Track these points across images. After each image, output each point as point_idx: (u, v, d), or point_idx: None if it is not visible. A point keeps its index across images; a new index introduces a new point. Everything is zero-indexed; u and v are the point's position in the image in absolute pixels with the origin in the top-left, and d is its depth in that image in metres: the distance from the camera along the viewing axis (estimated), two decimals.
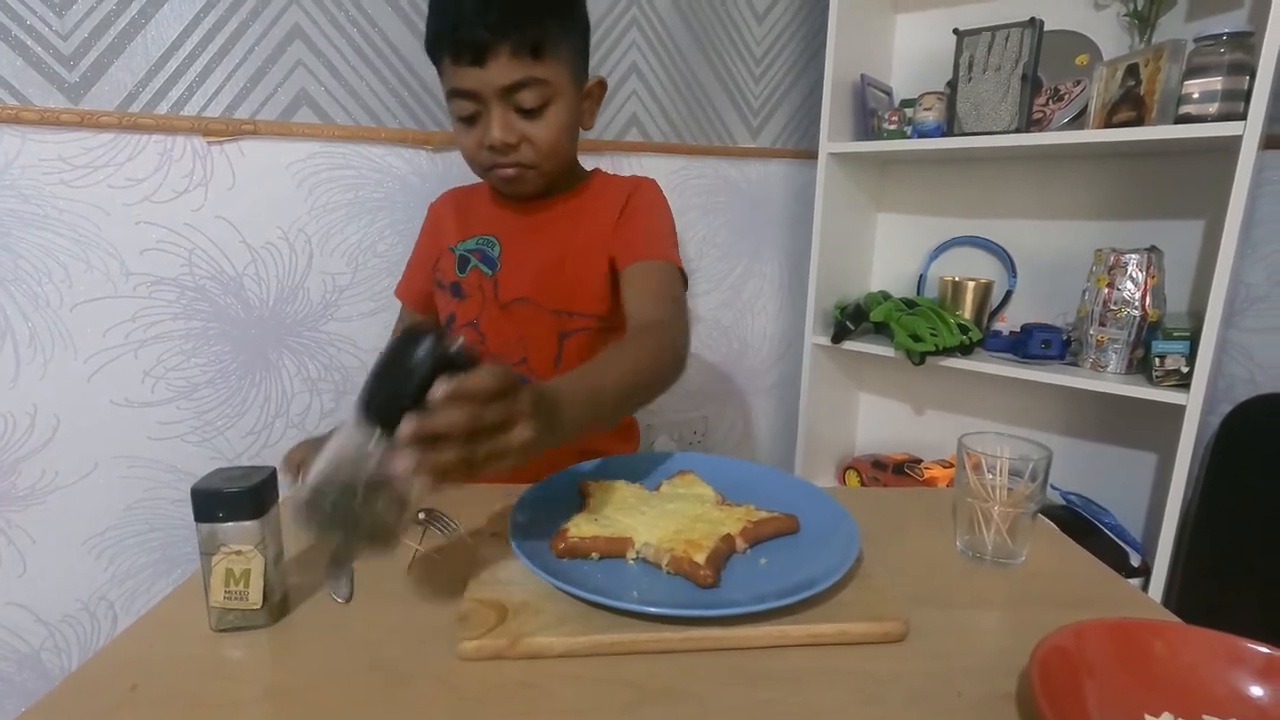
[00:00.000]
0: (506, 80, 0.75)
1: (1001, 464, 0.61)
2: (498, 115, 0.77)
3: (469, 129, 0.79)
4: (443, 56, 0.76)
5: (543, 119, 0.79)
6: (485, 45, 0.73)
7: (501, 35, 0.73)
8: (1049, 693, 0.38)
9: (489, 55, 0.73)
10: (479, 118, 0.78)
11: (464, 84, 0.75)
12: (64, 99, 1.07)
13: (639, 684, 0.46)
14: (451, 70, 0.76)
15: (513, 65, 0.74)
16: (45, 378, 1.12)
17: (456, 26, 0.73)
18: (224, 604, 0.50)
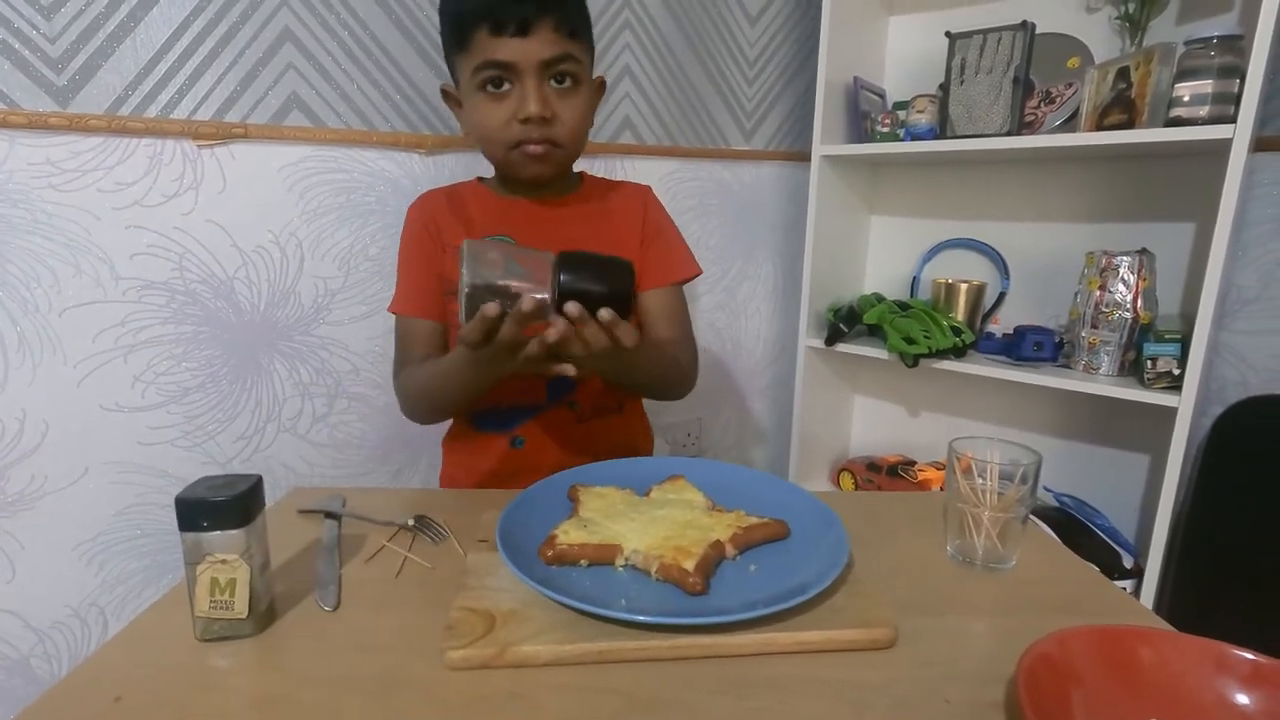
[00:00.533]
0: (548, 54, 0.76)
1: (991, 468, 0.61)
2: (534, 88, 0.77)
3: (498, 103, 0.78)
4: (477, 28, 0.75)
5: (573, 99, 0.80)
6: (530, 18, 0.74)
7: (545, 10, 0.74)
8: (1035, 701, 0.38)
9: (533, 28, 0.74)
10: (508, 93, 0.78)
11: (503, 55, 0.75)
12: (52, 102, 1.06)
13: (627, 692, 0.45)
14: (488, 41, 0.75)
15: (554, 40, 0.76)
16: (34, 383, 1.11)
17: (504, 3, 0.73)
18: (209, 613, 0.50)
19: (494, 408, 0.90)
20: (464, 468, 0.95)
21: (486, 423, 0.92)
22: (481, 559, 0.59)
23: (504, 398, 0.89)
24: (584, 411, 0.92)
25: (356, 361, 1.35)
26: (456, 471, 0.97)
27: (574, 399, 0.91)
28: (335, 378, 1.34)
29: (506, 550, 0.54)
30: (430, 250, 0.89)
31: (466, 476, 0.95)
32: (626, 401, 0.97)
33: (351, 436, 1.37)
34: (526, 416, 0.91)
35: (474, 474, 0.94)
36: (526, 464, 0.90)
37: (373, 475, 1.41)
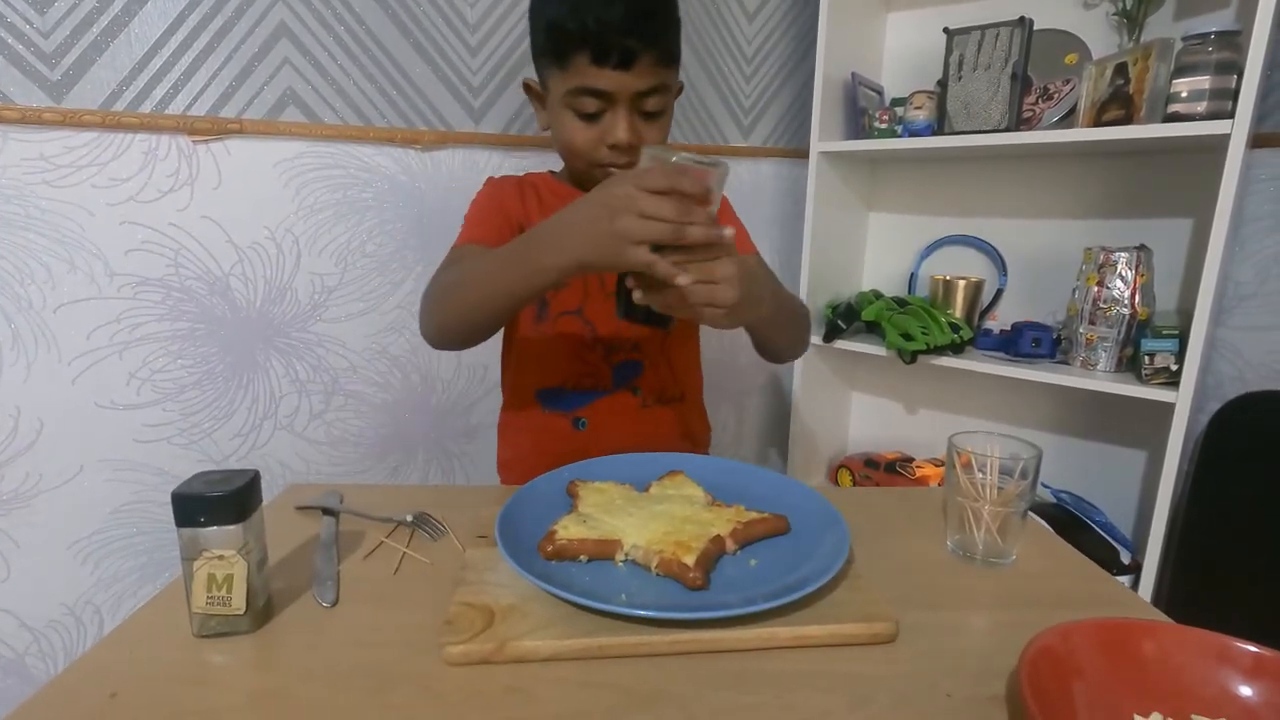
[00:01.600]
0: (645, 86, 0.77)
1: (991, 463, 0.61)
2: (625, 117, 0.78)
3: (587, 125, 0.80)
4: (578, 52, 0.75)
5: (658, 122, 0.81)
6: (635, 52, 0.74)
7: (650, 44, 0.74)
8: (1038, 694, 0.38)
9: (635, 61, 0.74)
10: (599, 115, 0.79)
11: (601, 84, 0.76)
12: (46, 97, 1.05)
13: (627, 687, 0.45)
14: (588, 69, 0.75)
15: (652, 72, 0.76)
16: (29, 380, 1.11)
17: (606, 33, 0.73)
18: (206, 610, 0.49)
19: (560, 388, 0.91)
20: (524, 448, 0.96)
21: (551, 402, 0.92)
22: (480, 554, 0.59)
23: (571, 380, 0.90)
24: (647, 397, 0.93)
25: (353, 359, 1.34)
26: (515, 453, 0.97)
27: (638, 384, 0.92)
28: (332, 375, 1.33)
29: (506, 546, 0.54)
30: (505, 209, 0.89)
31: (527, 457, 0.95)
32: (688, 392, 0.98)
33: (348, 434, 1.37)
34: (590, 399, 0.91)
35: (533, 454, 0.93)
36: (588, 446, 0.90)
37: (370, 473, 1.41)
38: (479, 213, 0.90)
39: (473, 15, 1.32)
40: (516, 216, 0.89)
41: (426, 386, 1.42)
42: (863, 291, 1.69)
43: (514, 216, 0.89)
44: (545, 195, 0.91)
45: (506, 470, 0.99)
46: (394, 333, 1.37)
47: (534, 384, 0.92)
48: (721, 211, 0.91)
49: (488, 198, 0.91)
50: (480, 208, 0.91)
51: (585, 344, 0.90)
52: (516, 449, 0.97)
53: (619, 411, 0.92)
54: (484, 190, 0.93)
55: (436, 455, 1.46)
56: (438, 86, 1.32)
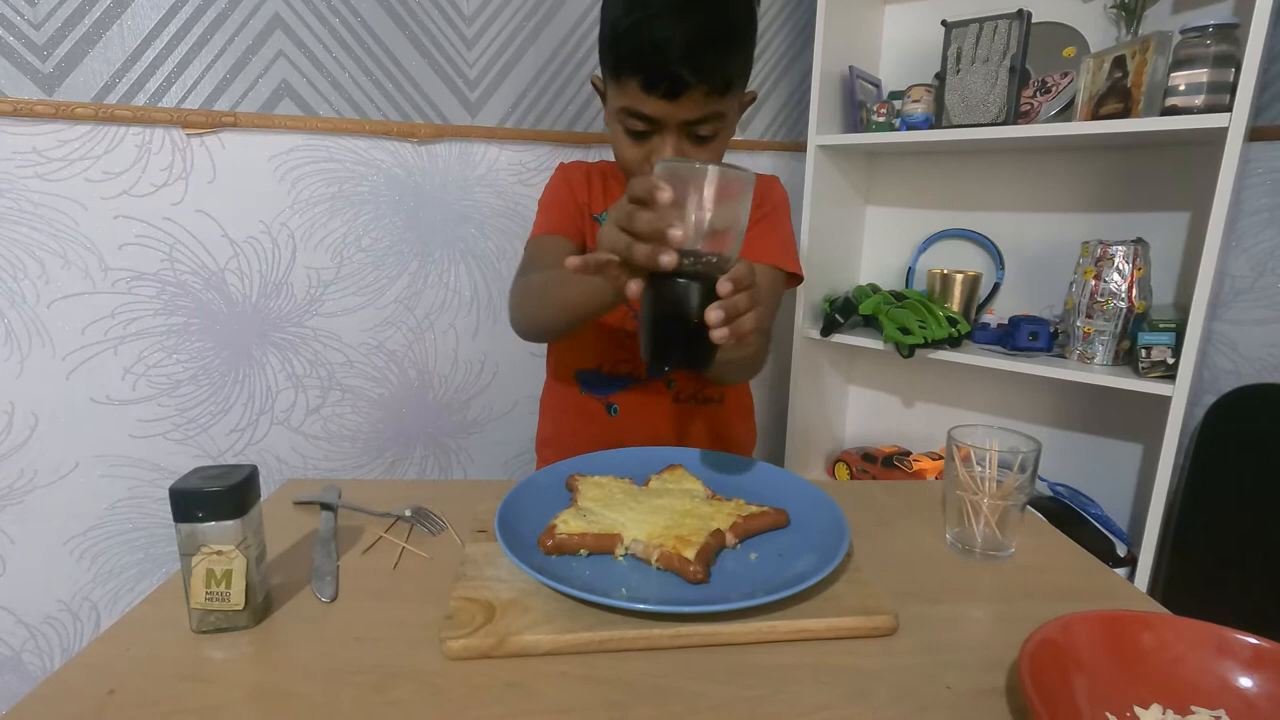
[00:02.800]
0: (693, 115, 0.75)
1: (991, 456, 0.61)
2: (672, 142, 0.76)
3: (636, 143, 0.79)
4: (629, 75, 0.73)
5: (710, 146, 0.80)
6: (685, 84, 0.72)
7: (702, 78, 0.72)
8: (1039, 685, 0.38)
9: (685, 93, 0.72)
10: (647, 135, 0.78)
11: (648, 110, 0.74)
12: (37, 90, 1.04)
13: (628, 681, 0.45)
14: (637, 93, 0.73)
15: (704, 103, 0.74)
16: (22, 375, 1.10)
17: (657, 62, 0.71)
18: (205, 605, 0.49)
19: (597, 370, 0.91)
20: (561, 427, 0.97)
21: (588, 384, 0.93)
22: (480, 549, 0.58)
23: (607, 363, 0.91)
24: (681, 392, 0.93)
25: (350, 353, 1.34)
26: (555, 433, 0.98)
27: (672, 377, 0.92)
28: (329, 369, 1.33)
29: (505, 540, 0.53)
30: (578, 197, 0.89)
31: (563, 437, 0.96)
32: (729, 394, 0.96)
33: (345, 429, 1.37)
34: (624, 385, 0.91)
35: (569, 434, 0.95)
36: (619, 433, 0.91)
37: (367, 468, 1.40)
38: (550, 201, 0.91)
39: (468, 7, 1.31)
40: (583, 203, 0.89)
41: (423, 381, 1.42)
42: (860, 285, 1.69)
43: (582, 203, 0.89)
44: (610, 183, 0.91)
45: (545, 447, 1.00)
46: (391, 327, 1.36)
47: (574, 363, 0.92)
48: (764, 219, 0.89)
49: (556, 184, 0.92)
50: (551, 196, 0.91)
51: (626, 329, 0.90)
52: (555, 427, 0.98)
53: (651, 402, 0.92)
54: (554, 177, 0.93)
55: (434, 450, 1.46)
56: (433, 79, 1.31)
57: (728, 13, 0.73)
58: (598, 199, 0.90)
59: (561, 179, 0.92)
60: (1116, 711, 0.41)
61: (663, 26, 0.70)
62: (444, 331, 1.41)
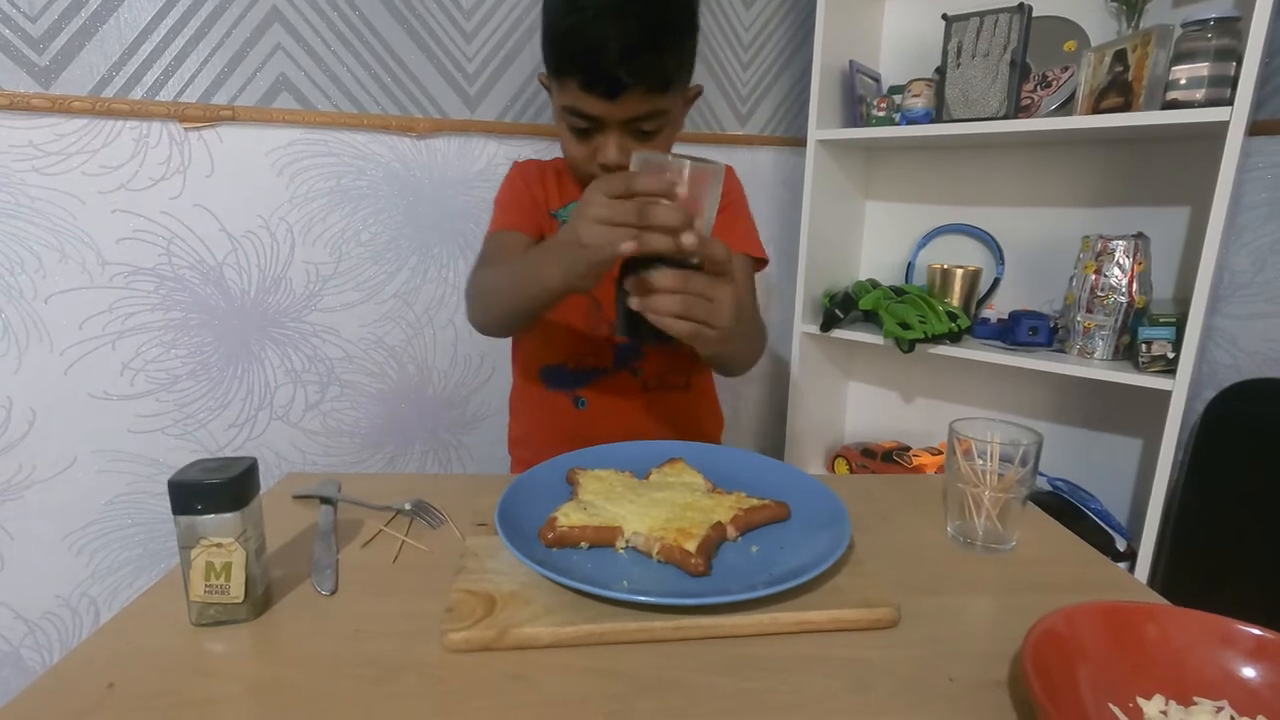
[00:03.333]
0: (633, 114, 0.76)
1: (992, 449, 0.61)
2: (615, 139, 0.77)
3: (581, 141, 0.80)
4: (569, 79, 0.74)
5: (655, 141, 0.81)
6: (623, 86, 0.72)
7: (640, 78, 0.73)
8: (1042, 676, 0.38)
9: (624, 94, 0.73)
10: (591, 133, 0.79)
11: (589, 109, 0.75)
12: (34, 83, 1.04)
13: (629, 674, 0.45)
14: (578, 94, 0.74)
15: (644, 101, 0.75)
16: (20, 370, 1.10)
17: (594, 63, 0.71)
18: (204, 598, 0.49)
19: (562, 365, 0.91)
20: (531, 425, 0.97)
21: (554, 381, 0.92)
22: (480, 542, 0.58)
23: (572, 358, 0.90)
24: (648, 381, 0.93)
25: (349, 348, 1.33)
26: (526, 433, 0.98)
27: (639, 366, 0.92)
28: (328, 365, 1.32)
29: (506, 533, 0.53)
30: (535, 194, 0.90)
31: (533, 435, 0.96)
32: (695, 380, 0.97)
33: (344, 424, 1.36)
34: (591, 379, 0.91)
35: (539, 431, 0.95)
36: (588, 426, 0.91)
37: (366, 464, 1.40)
38: (506, 198, 0.91)
39: (467, 1, 1.30)
40: (541, 200, 0.90)
41: (423, 377, 1.42)
42: (860, 281, 1.69)
43: (539, 200, 0.90)
44: (565, 181, 0.91)
45: (517, 446, 1.00)
46: (390, 322, 1.36)
47: (539, 360, 0.92)
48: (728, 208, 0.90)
49: (513, 182, 0.92)
50: (507, 193, 0.91)
51: (590, 323, 0.90)
52: (524, 426, 0.98)
53: (619, 393, 0.92)
54: (510, 174, 0.93)
55: (433, 446, 1.46)
56: (432, 73, 1.30)
57: (664, 11, 0.74)
58: (554, 196, 0.90)
59: (518, 176, 0.92)
60: (1120, 702, 0.41)
61: (599, 28, 0.70)
62: (443, 327, 1.41)
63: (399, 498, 0.69)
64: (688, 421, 0.97)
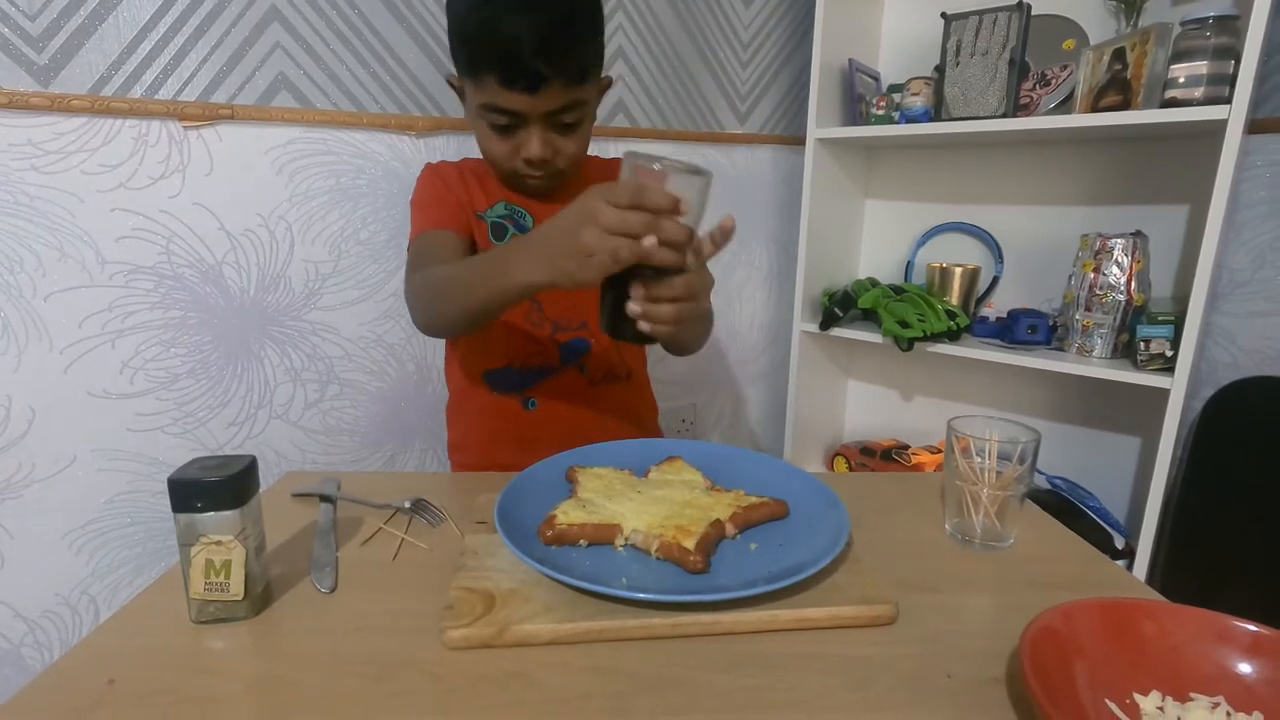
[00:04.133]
0: (554, 105, 0.76)
1: (990, 446, 0.61)
2: (538, 134, 0.78)
3: (502, 138, 0.80)
4: (487, 71, 0.74)
5: (576, 133, 0.81)
6: (542, 78, 0.73)
7: (559, 69, 0.73)
8: (1039, 673, 0.38)
9: (544, 86, 0.74)
10: (512, 129, 0.79)
11: (509, 105, 0.75)
12: (33, 81, 1.04)
13: (629, 671, 0.45)
14: (496, 89, 0.74)
15: (564, 92, 0.76)
16: (19, 369, 1.10)
17: (512, 57, 0.72)
18: (204, 596, 0.49)
19: (507, 368, 0.91)
20: (474, 432, 0.96)
21: (500, 384, 0.92)
22: (479, 540, 0.58)
23: (518, 359, 0.90)
24: (594, 375, 0.93)
25: (348, 347, 1.33)
26: (466, 438, 0.98)
27: (584, 362, 0.93)
28: (327, 363, 1.32)
29: (505, 531, 0.53)
30: (455, 191, 0.89)
31: (477, 441, 0.96)
32: (635, 370, 0.99)
33: (344, 423, 1.36)
34: (539, 378, 0.92)
35: (485, 436, 0.94)
36: (538, 426, 0.91)
37: (366, 462, 1.40)
38: (429, 197, 0.90)
39: None
40: (465, 201, 0.89)
41: (422, 375, 1.42)
42: (859, 279, 1.69)
43: (463, 201, 0.89)
44: (486, 181, 0.91)
45: (458, 452, 0.99)
46: (389, 320, 1.36)
47: (481, 365, 0.92)
48: None
49: (430, 181, 0.91)
50: (428, 192, 0.91)
51: (533, 322, 0.90)
52: (466, 432, 0.98)
53: (567, 390, 0.92)
54: (424, 176, 0.93)
55: (433, 444, 1.46)
56: (431, 72, 1.30)
57: (573, 2, 0.75)
58: (478, 197, 0.90)
59: (435, 177, 0.91)
60: (1116, 699, 0.41)
61: (512, 23, 0.71)
62: None
63: (398, 496, 0.69)
64: (630, 413, 0.98)
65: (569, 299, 0.90)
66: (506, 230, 0.90)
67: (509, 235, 0.89)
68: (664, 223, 0.53)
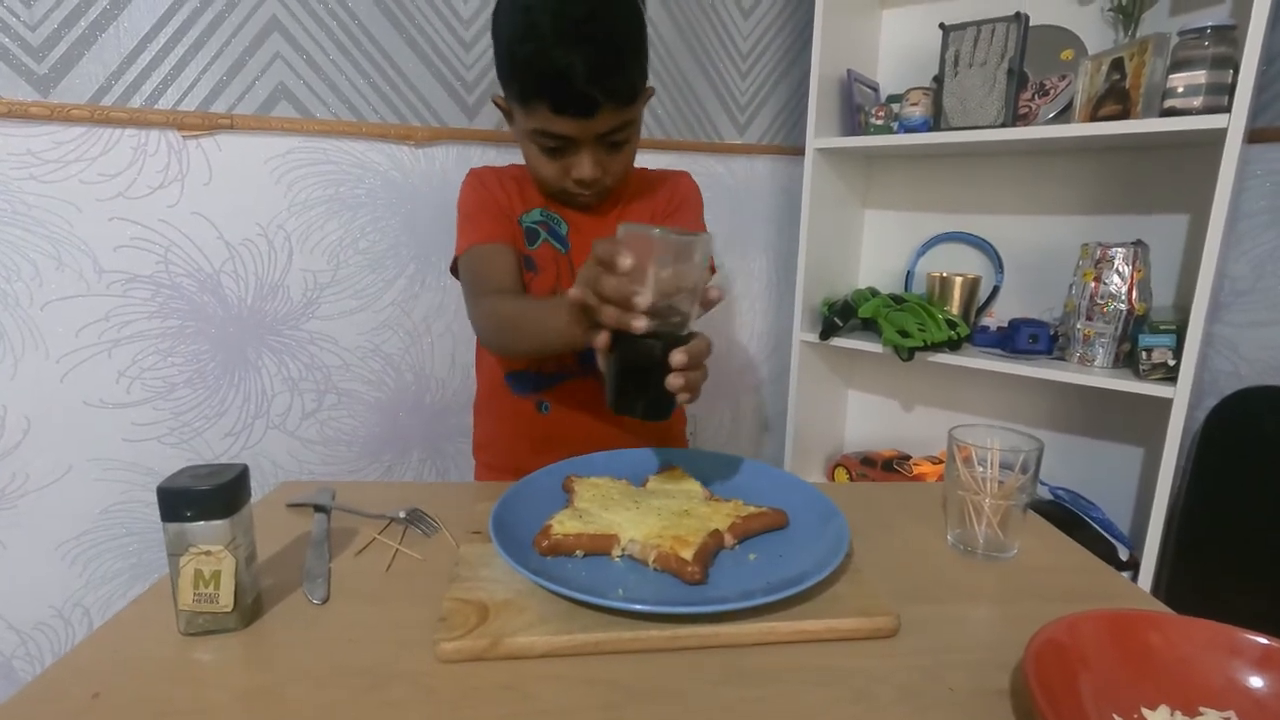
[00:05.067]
0: (606, 128, 0.77)
1: (992, 456, 0.60)
2: (589, 155, 0.79)
3: (552, 159, 0.81)
4: (539, 99, 0.74)
5: (625, 151, 0.82)
6: (596, 104, 0.73)
7: (609, 94, 0.74)
8: (1044, 686, 0.37)
9: (597, 111, 0.74)
10: (562, 151, 0.79)
11: (562, 130, 0.76)
12: (33, 91, 1.04)
13: (624, 684, 0.44)
14: (548, 117, 0.75)
15: (613, 115, 0.76)
16: (15, 378, 1.09)
17: (565, 84, 0.72)
18: (193, 607, 0.48)
19: (525, 371, 0.91)
20: (496, 430, 0.97)
21: (519, 386, 0.92)
22: (474, 550, 0.58)
23: (535, 362, 0.90)
24: None
25: (346, 357, 1.33)
26: (489, 437, 0.98)
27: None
28: (325, 373, 1.32)
29: (500, 541, 0.53)
30: (501, 202, 0.89)
31: (498, 440, 0.96)
32: None
33: (341, 433, 1.36)
34: (555, 382, 0.91)
35: (504, 437, 0.95)
36: (554, 430, 0.91)
37: (363, 472, 1.39)
38: (476, 206, 0.89)
39: (466, 10, 1.31)
40: (506, 206, 0.89)
41: (420, 385, 1.41)
42: (859, 289, 1.69)
43: (505, 207, 0.89)
44: (525, 187, 0.91)
45: (481, 451, 1.00)
46: (387, 330, 1.35)
47: (506, 365, 0.92)
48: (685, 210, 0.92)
49: (475, 189, 0.91)
50: (473, 201, 0.90)
51: None
52: (488, 431, 0.98)
53: (584, 397, 0.91)
54: (468, 183, 0.92)
55: (431, 455, 1.45)
56: (431, 82, 1.31)
57: (619, 25, 0.75)
58: (517, 202, 0.90)
59: (479, 184, 0.91)
60: (1124, 712, 0.40)
61: (562, 53, 0.71)
62: (441, 335, 1.40)
63: (394, 506, 0.68)
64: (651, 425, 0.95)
65: None
66: (539, 235, 0.90)
67: (540, 240, 0.89)
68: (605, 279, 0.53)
